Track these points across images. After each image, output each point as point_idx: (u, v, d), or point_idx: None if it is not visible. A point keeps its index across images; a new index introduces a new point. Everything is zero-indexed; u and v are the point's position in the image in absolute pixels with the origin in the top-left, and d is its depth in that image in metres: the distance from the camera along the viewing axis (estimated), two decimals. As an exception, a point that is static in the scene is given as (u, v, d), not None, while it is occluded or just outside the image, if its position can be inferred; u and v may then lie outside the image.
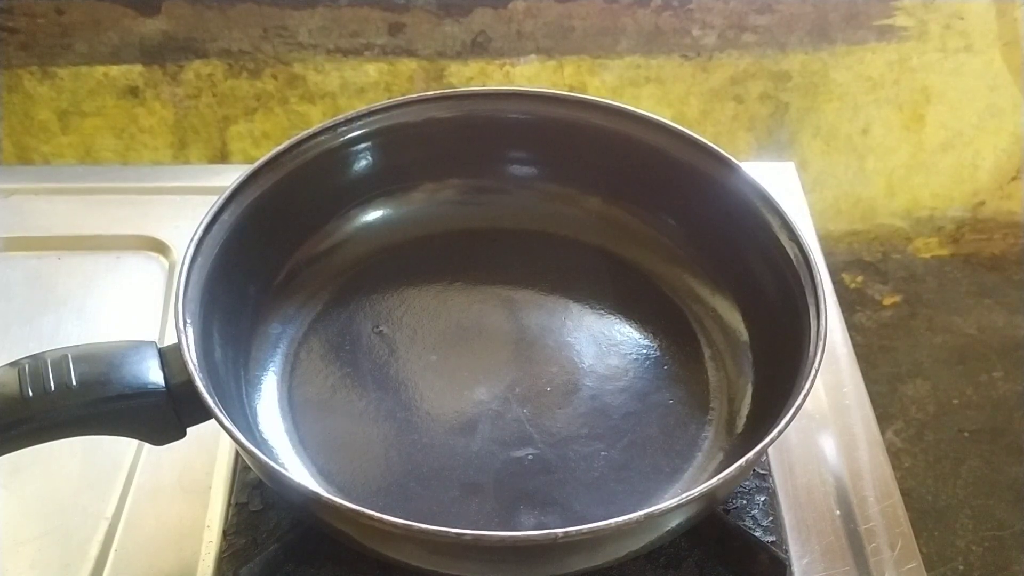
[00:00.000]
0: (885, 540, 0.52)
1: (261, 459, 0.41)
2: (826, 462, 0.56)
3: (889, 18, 0.86)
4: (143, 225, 0.68)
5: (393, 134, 0.58)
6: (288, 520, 0.50)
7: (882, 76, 0.89)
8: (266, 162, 0.54)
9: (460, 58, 0.84)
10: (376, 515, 0.39)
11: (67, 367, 0.43)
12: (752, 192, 0.53)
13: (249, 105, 0.86)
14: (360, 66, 0.84)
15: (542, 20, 0.82)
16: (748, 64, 0.86)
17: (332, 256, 0.59)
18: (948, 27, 0.87)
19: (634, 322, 0.58)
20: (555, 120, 0.59)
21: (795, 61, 0.87)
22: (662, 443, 0.52)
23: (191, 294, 0.47)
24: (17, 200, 0.70)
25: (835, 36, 0.86)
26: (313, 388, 0.55)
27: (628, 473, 0.50)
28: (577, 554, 0.43)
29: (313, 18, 0.81)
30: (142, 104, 0.85)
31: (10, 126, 0.86)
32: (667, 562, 0.49)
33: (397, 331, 0.58)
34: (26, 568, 0.50)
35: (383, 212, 0.61)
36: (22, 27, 0.80)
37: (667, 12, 0.83)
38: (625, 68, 0.86)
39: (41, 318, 0.62)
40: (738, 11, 0.83)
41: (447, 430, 0.53)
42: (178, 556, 0.50)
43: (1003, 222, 1.03)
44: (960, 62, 0.89)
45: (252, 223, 0.53)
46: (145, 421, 0.45)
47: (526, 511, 0.49)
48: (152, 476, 0.54)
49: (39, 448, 0.44)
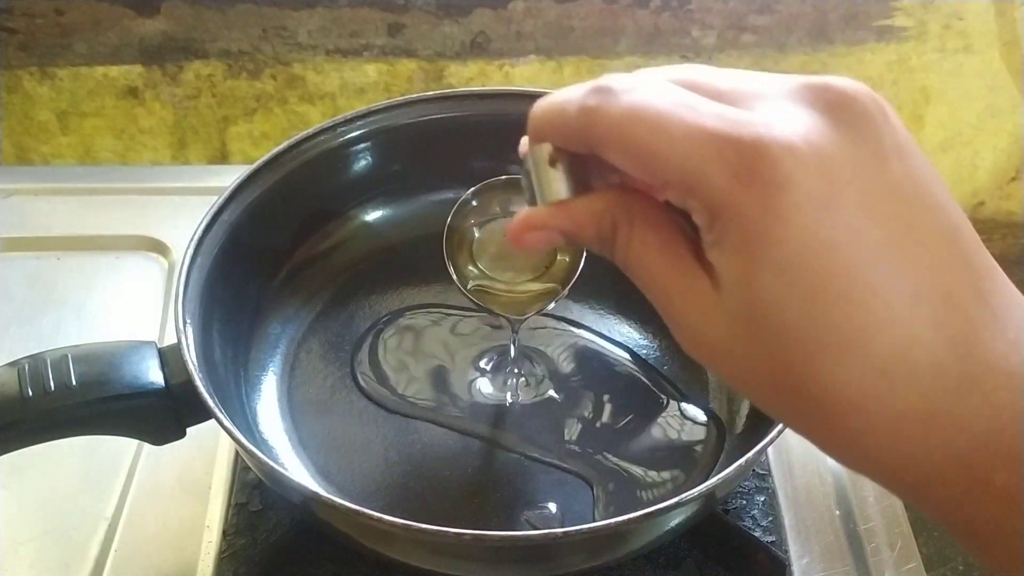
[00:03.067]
0: (885, 540, 0.52)
1: (261, 459, 0.41)
2: (826, 462, 0.56)
3: (888, 18, 0.86)
4: (143, 225, 0.68)
5: (393, 134, 0.58)
6: (288, 520, 0.50)
7: (881, 76, 0.89)
8: (266, 162, 0.54)
9: (459, 58, 0.84)
10: (376, 515, 0.39)
11: (67, 367, 0.43)
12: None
13: (248, 105, 0.86)
14: (359, 66, 0.84)
15: (541, 20, 0.82)
16: (748, 64, 0.86)
17: (332, 256, 0.60)
18: (947, 27, 0.87)
19: (634, 322, 0.58)
20: (555, 120, 0.59)
21: (795, 61, 0.87)
22: (662, 443, 0.52)
23: (191, 294, 0.47)
24: (17, 200, 0.70)
25: (834, 36, 0.86)
26: (313, 388, 0.55)
27: (628, 473, 0.50)
28: (577, 554, 0.43)
29: (312, 18, 0.81)
30: (142, 104, 0.85)
31: (10, 126, 0.86)
32: (667, 562, 0.49)
33: (397, 331, 0.58)
34: (26, 568, 0.50)
35: (383, 212, 0.61)
36: (21, 27, 0.80)
37: (666, 12, 0.83)
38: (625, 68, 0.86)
39: (41, 318, 0.62)
40: (737, 11, 0.83)
41: (447, 429, 0.53)
42: (178, 556, 0.50)
43: (1002, 222, 1.03)
44: (959, 62, 0.89)
45: (252, 223, 0.53)
46: (145, 421, 0.45)
47: (526, 510, 0.49)
48: (152, 476, 0.54)
49: (39, 448, 0.44)
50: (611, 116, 0.27)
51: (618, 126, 0.27)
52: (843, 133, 0.26)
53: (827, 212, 0.25)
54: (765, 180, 0.25)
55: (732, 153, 0.25)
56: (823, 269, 0.25)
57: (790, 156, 0.25)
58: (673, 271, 0.28)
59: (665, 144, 0.26)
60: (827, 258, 0.25)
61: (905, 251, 0.25)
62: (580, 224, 0.30)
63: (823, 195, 0.25)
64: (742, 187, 0.25)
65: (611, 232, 0.30)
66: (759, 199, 0.25)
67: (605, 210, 0.30)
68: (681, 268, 0.28)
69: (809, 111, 0.26)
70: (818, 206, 0.25)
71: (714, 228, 0.26)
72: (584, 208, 0.30)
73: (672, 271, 0.28)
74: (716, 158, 0.25)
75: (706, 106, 0.26)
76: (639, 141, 0.27)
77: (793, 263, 0.25)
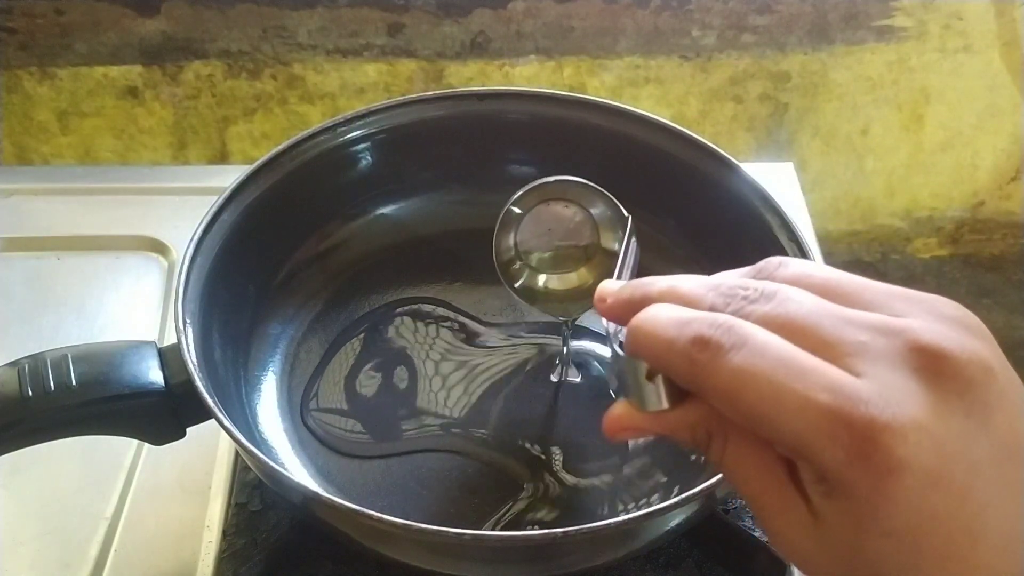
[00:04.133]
0: (885, 540, 0.52)
1: (261, 459, 0.41)
2: (826, 462, 0.55)
3: (888, 18, 0.86)
4: (143, 225, 0.68)
5: (392, 134, 0.58)
6: (288, 520, 0.50)
7: (881, 76, 0.89)
8: (265, 162, 0.54)
9: (459, 59, 0.84)
10: (376, 515, 0.39)
11: (67, 367, 0.43)
12: (752, 192, 0.53)
13: (248, 106, 0.86)
14: (359, 66, 0.84)
15: (541, 20, 0.82)
16: (747, 64, 0.86)
17: (332, 256, 0.60)
18: (947, 27, 0.87)
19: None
20: (554, 120, 0.59)
21: (794, 61, 0.87)
22: (661, 443, 0.52)
23: (191, 294, 0.47)
24: (17, 200, 0.70)
25: (834, 36, 0.86)
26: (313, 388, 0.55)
27: (627, 472, 0.50)
28: (577, 554, 0.43)
29: (312, 18, 0.81)
30: (141, 104, 0.85)
31: (9, 126, 0.86)
32: (667, 562, 0.49)
33: (396, 331, 0.58)
34: (26, 568, 0.50)
35: (383, 212, 0.61)
36: (21, 27, 0.80)
37: (666, 12, 0.83)
38: (624, 68, 0.86)
39: (41, 318, 0.62)
40: (737, 11, 0.83)
41: (447, 430, 0.53)
42: (178, 556, 0.50)
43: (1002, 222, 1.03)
44: (959, 62, 0.89)
45: (252, 223, 0.53)
46: (144, 421, 0.45)
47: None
48: (152, 476, 0.54)
49: (39, 448, 0.44)
50: (719, 377, 0.28)
51: (725, 389, 0.28)
52: (952, 405, 0.26)
53: (935, 489, 0.26)
54: (877, 465, 0.26)
55: (845, 434, 0.26)
56: (927, 536, 0.26)
57: (903, 442, 0.26)
58: (769, 490, 0.29)
59: (775, 413, 0.27)
60: (931, 525, 0.26)
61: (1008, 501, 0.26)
62: (675, 431, 0.31)
63: (932, 474, 0.26)
64: (853, 467, 0.26)
65: (706, 441, 0.30)
66: (870, 480, 0.26)
67: (699, 423, 0.30)
68: (778, 489, 0.29)
69: (918, 383, 0.27)
70: (926, 485, 0.26)
71: (822, 486, 0.27)
72: (679, 418, 0.31)
73: (768, 490, 0.29)
74: (829, 435, 0.26)
75: (815, 374, 0.27)
76: (749, 406, 0.27)
77: (897, 531, 0.26)
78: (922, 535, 0.26)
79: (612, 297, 0.33)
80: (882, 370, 0.27)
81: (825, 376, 0.27)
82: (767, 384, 0.27)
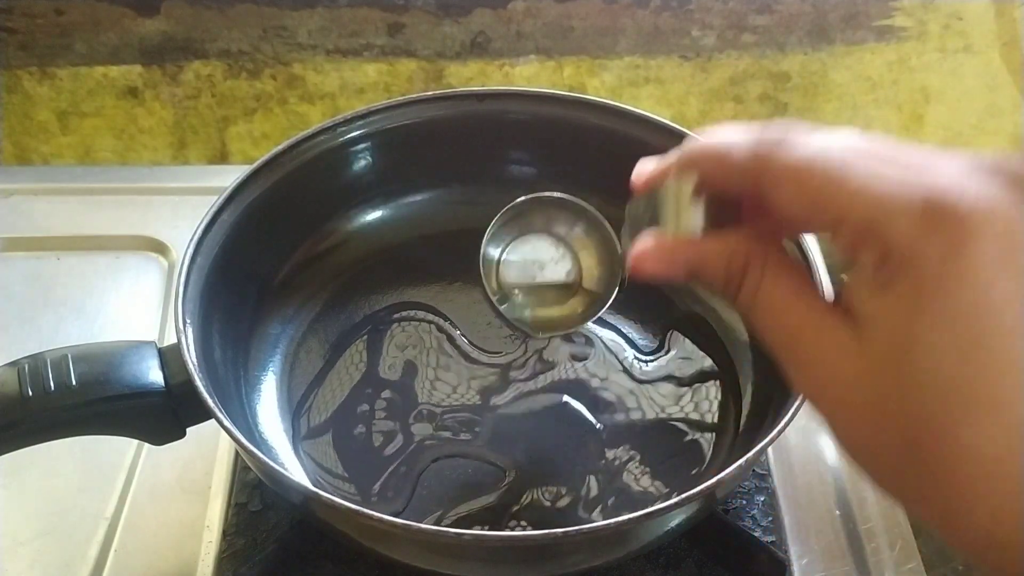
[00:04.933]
0: (885, 540, 0.52)
1: (261, 459, 0.41)
2: (826, 462, 0.56)
3: (888, 18, 0.86)
4: (143, 225, 0.68)
5: (392, 134, 0.58)
6: (288, 520, 0.50)
7: (881, 76, 0.89)
8: (265, 162, 0.54)
9: (459, 58, 0.84)
10: (376, 515, 0.39)
11: (67, 367, 0.43)
12: (752, 192, 0.53)
13: (248, 105, 0.86)
14: (359, 66, 0.84)
15: (541, 20, 0.82)
16: (747, 64, 0.86)
17: (332, 256, 0.59)
18: (947, 27, 0.87)
19: (634, 322, 0.58)
20: (555, 120, 0.59)
21: (794, 61, 0.86)
22: (661, 442, 0.52)
23: (191, 294, 0.47)
24: (17, 200, 0.70)
25: (834, 36, 0.86)
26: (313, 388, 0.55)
27: (627, 472, 0.50)
28: (577, 554, 0.43)
29: (312, 18, 0.81)
30: (141, 104, 0.85)
31: (9, 126, 0.86)
32: (667, 562, 0.49)
33: (396, 331, 0.58)
34: (26, 568, 0.50)
35: (383, 212, 0.61)
36: (21, 27, 0.80)
37: (666, 12, 0.82)
38: (624, 68, 0.86)
39: (41, 318, 0.62)
40: (737, 11, 0.83)
41: (447, 429, 0.53)
42: (178, 556, 0.50)
43: (1002, 222, 1.03)
44: (959, 62, 0.89)
45: (252, 223, 0.53)
46: (144, 421, 0.45)
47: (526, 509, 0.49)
48: (152, 476, 0.54)
49: (39, 448, 0.44)
50: (789, 160, 0.28)
51: (795, 169, 0.27)
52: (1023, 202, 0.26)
53: (1004, 274, 0.25)
54: (952, 229, 0.25)
55: (920, 199, 0.25)
56: (988, 329, 0.25)
57: (978, 211, 0.25)
58: (809, 313, 0.29)
59: (849, 184, 0.26)
60: (995, 319, 0.25)
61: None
62: (708, 260, 0.31)
63: (1003, 256, 0.25)
64: (927, 233, 0.25)
65: (740, 272, 0.30)
66: (942, 247, 0.25)
67: (738, 250, 0.30)
68: (818, 311, 0.28)
69: (991, 179, 0.26)
70: (997, 266, 0.25)
71: (885, 269, 0.26)
72: (716, 245, 0.31)
73: (807, 313, 0.29)
74: (904, 202, 0.25)
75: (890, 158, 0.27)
76: (820, 182, 0.27)
77: (960, 317, 0.25)
78: (983, 333, 0.24)
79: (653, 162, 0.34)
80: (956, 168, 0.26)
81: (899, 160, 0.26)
82: (840, 161, 0.26)
